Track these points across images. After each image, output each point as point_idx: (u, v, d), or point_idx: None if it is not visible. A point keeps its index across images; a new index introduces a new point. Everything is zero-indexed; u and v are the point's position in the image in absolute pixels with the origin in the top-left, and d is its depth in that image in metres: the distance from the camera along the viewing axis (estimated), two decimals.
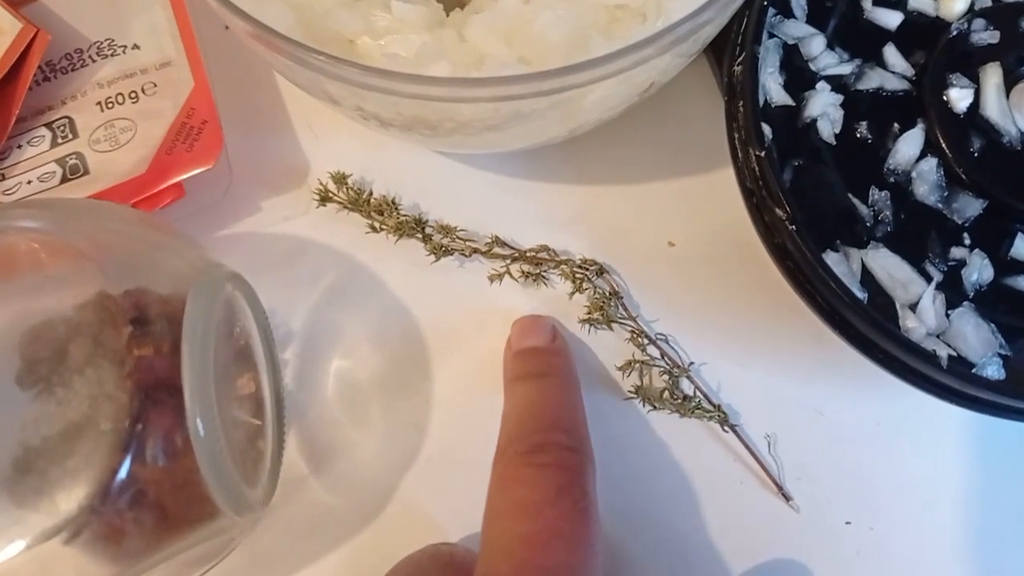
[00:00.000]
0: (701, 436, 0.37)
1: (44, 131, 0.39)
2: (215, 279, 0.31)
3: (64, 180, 0.38)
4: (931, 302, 0.31)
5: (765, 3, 0.34)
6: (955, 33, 0.35)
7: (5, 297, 0.30)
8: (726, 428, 0.37)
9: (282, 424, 0.36)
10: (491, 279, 0.39)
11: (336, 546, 0.36)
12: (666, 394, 0.37)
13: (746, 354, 0.38)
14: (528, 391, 0.35)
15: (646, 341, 0.38)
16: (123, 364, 0.27)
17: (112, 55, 0.40)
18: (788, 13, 0.36)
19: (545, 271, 0.39)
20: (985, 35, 0.34)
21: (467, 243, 0.40)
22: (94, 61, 0.40)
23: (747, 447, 0.37)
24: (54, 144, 0.39)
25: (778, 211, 0.32)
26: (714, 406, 0.37)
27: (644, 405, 0.37)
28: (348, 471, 0.37)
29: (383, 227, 0.40)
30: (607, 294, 0.39)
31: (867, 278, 0.32)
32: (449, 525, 0.36)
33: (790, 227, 0.32)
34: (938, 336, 0.31)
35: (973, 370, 0.31)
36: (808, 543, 0.36)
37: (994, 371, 0.31)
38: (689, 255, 0.40)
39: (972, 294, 0.32)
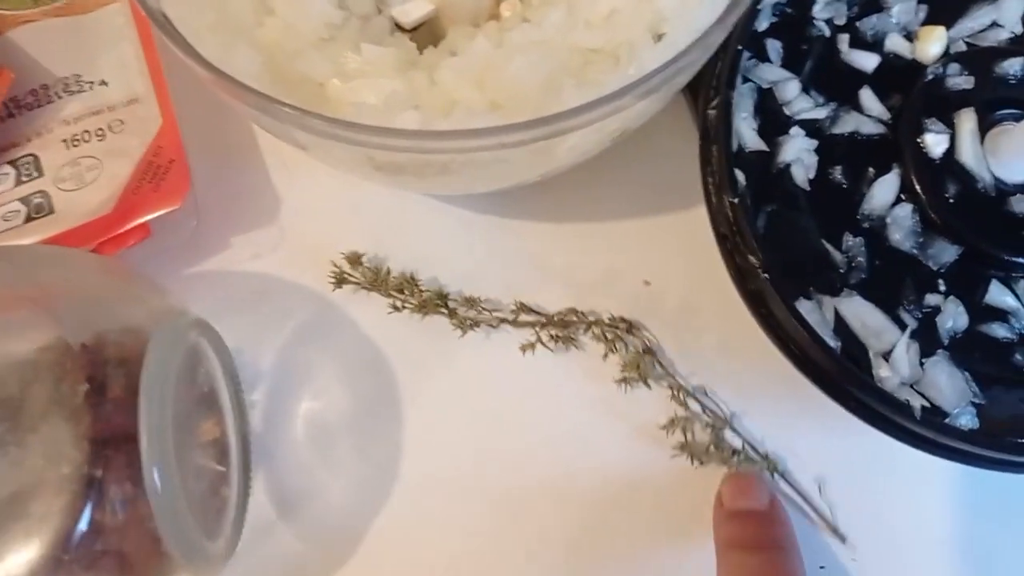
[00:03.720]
0: None
1: (8, 169, 0.38)
2: (175, 329, 0.30)
3: (29, 219, 0.37)
4: (905, 351, 0.31)
5: (740, 47, 0.34)
6: (931, 77, 0.34)
7: None
8: (774, 476, 0.36)
9: (248, 469, 0.35)
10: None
11: None
12: (712, 448, 0.37)
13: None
14: (750, 565, 0.33)
15: (684, 396, 0.37)
16: (79, 421, 0.27)
17: (79, 91, 0.39)
18: (763, 56, 0.35)
19: (573, 333, 0.38)
20: (960, 80, 0.34)
21: (493, 314, 0.39)
22: (60, 98, 0.39)
23: (796, 492, 0.36)
24: (18, 182, 0.38)
25: (751, 258, 0.32)
26: (761, 455, 0.37)
27: (692, 462, 0.37)
28: (317, 515, 0.36)
29: (406, 305, 0.39)
30: (641, 351, 0.38)
31: (840, 326, 0.32)
32: (419, 571, 0.36)
33: (763, 275, 0.31)
34: (912, 385, 0.31)
35: (947, 420, 0.30)
36: None
37: (968, 420, 0.30)
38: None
39: (947, 342, 0.32)
